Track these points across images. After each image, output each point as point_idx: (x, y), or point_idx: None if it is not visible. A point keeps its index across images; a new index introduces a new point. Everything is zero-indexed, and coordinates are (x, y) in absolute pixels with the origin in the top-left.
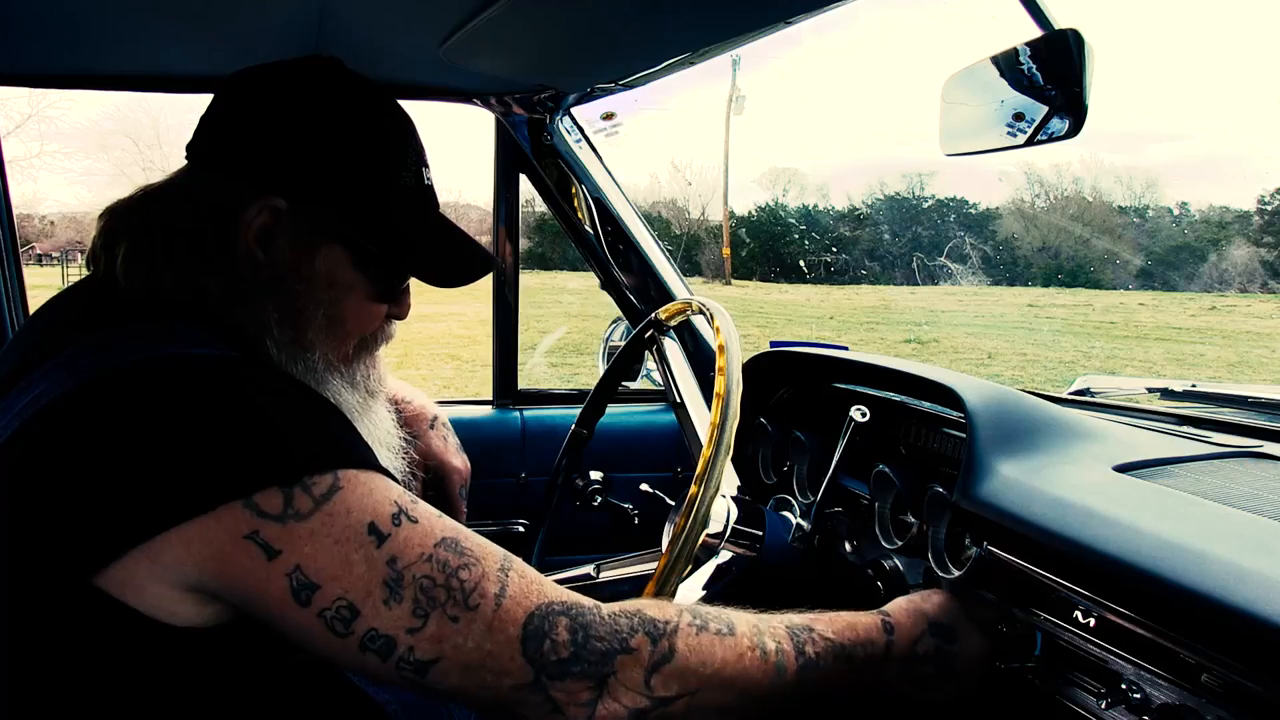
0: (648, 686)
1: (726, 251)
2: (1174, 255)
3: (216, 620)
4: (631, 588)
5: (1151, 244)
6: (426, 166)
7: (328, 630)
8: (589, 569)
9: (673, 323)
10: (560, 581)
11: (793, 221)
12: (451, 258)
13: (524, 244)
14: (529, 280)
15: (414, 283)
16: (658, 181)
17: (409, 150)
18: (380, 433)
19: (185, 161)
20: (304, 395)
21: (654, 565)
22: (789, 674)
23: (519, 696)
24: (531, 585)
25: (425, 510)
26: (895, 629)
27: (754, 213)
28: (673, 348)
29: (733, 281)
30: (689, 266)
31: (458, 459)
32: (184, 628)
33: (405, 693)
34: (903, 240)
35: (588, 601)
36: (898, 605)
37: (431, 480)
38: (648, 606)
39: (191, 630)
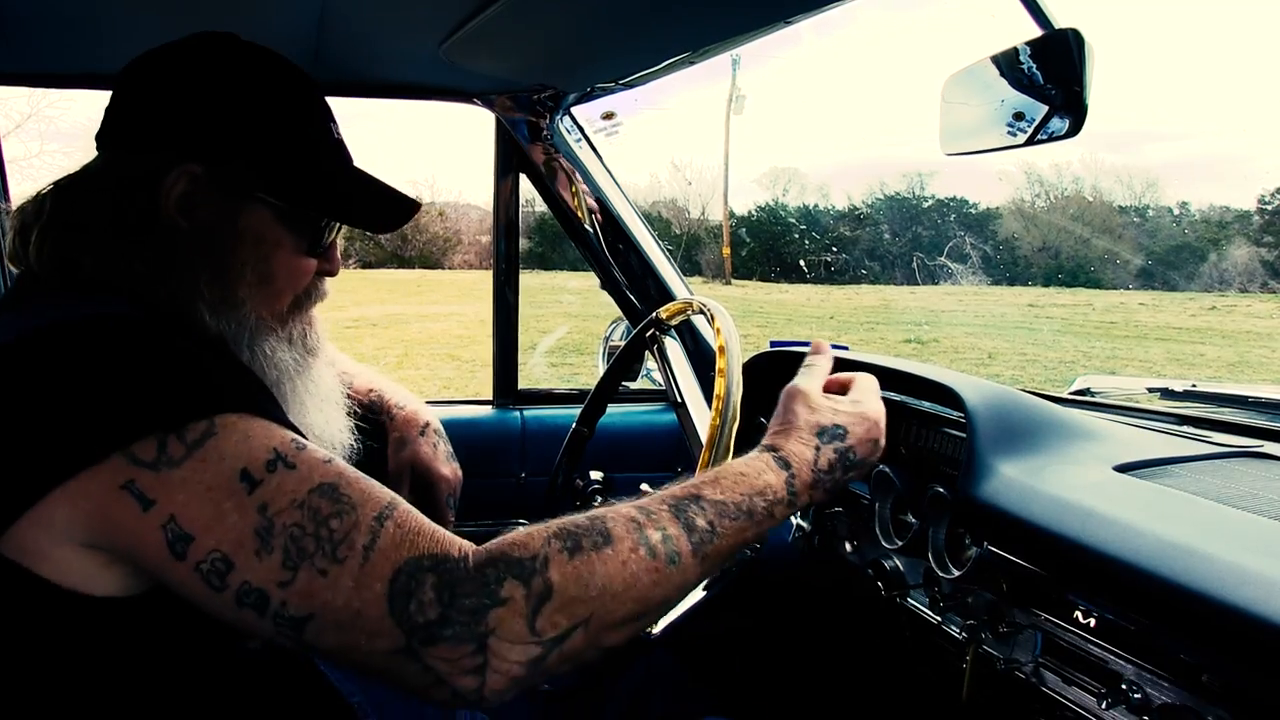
0: (534, 632)
1: (726, 251)
2: (1174, 255)
3: (138, 588)
4: None
5: (1152, 244)
6: (334, 122)
7: (205, 584)
8: None
9: (674, 322)
10: None
11: (793, 221)
12: (375, 205)
13: (524, 244)
14: (529, 280)
15: (414, 284)
16: (658, 181)
17: (314, 106)
18: (322, 389)
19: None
20: (191, 345)
21: None
22: (685, 559)
23: (397, 664)
24: (406, 536)
25: (309, 456)
26: (791, 462)
27: (754, 212)
28: (673, 347)
29: (733, 281)
30: (689, 266)
31: (446, 467)
32: (104, 597)
33: (375, 689)
34: (903, 240)
35: (457, 551)
36: (779, 432)
37: (420, 487)
38: (512, 545)
39: (114, 600)
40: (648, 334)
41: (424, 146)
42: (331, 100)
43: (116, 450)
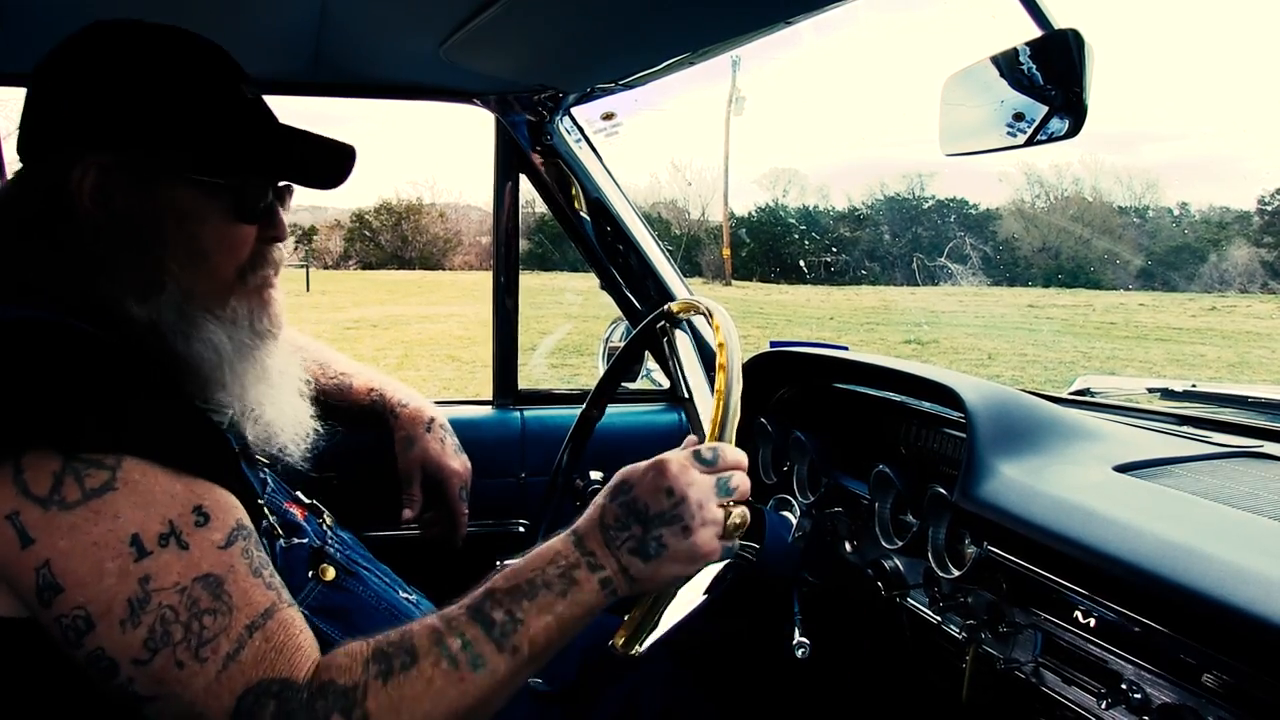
0: None
1: (726, 252)
2: (1174, 255)
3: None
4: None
5: (1152, 244)
6: (247, 82)
7: (62, 636)
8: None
9: (684, 316)
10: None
11: (793, 222)
12: (303, 158)
13: (524, 245)
14: (529, 281)
15: (414, 285)
16: (658, 182)
17: (216, 71)
18: (273, 375)
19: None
20: (104, 358)
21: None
22: (491, 658)
23: None
24: (267, 653)
25: (205, 536)
26: (579, 528)
27: (754, 213)
28: (684, 341)
29: (733, 282)
30: (689, 267)
31: (456, 461)
32: (7, 618)
33: None
34: (903, 241)
35: (303, 675)
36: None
37: (431, 483)
38: (338, 669)
39: (13, 620)
40: (659, 324)
41: (425, 148)
42: (331, 100)
43: (6, 461)
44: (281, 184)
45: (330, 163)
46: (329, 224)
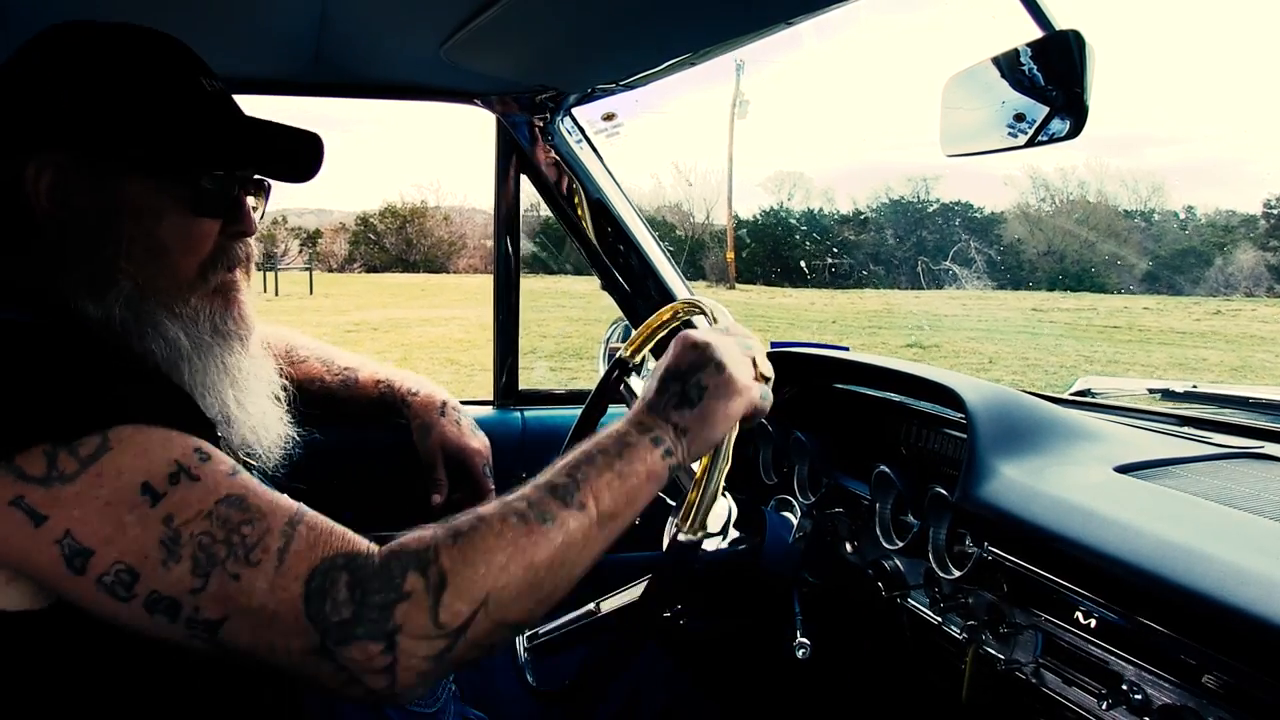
0: (437, 625)
1: (730, 255)
2: (1180, 259)
3: (47, 600)
4: (631, 566)
5: (1157, 248)
6: (207, 76)
7: (110, 596)
8: (590, 607)
9: (638, 359)
10: (562, 625)
11: (797, 225)
12: (266, 149)
13: (528, 247)
14: (533, 284)
15: (417, 288)
16: (661, 186)
17: (179, 64)
18: (240, 377)
19: None
20: (84, 352)
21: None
22: (557, 513)
23: (312, 664)
24: (319, 538)
25: (213, 468)
26: (628, 414)
27: (759, 216)
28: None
29: (737, 285)
30: (694, 270)
31: (475, 440)
32: (14, 611)
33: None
34: (907, 244)
35: (365, 549)
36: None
37: (454, 465)
38: (408, 540)
39: (24, 614)
40: (613, 376)
41: (430, 150)
42: (332, 101)
43: (1, 462)
44: (255, 178)
45: (295, 154)
46: (334, 227)
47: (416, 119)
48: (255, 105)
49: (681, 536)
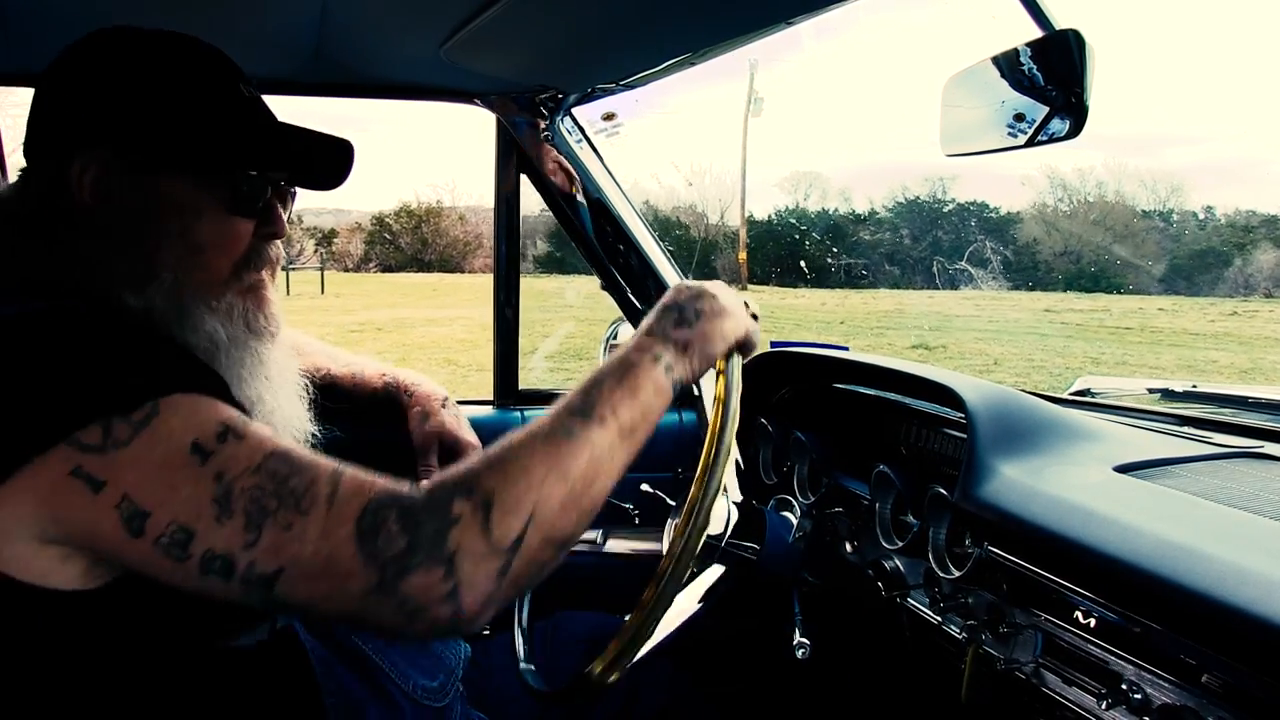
0: (492, 543)
1: (742, 256)
2: (1198, 260)
3: (100, 580)
4: (632, 566)
5: (1176, 248)
6: (245, 82)
7: (167, 557)
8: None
9: None
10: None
11: (813, 225)
12: (299, 153)
13: (543, 247)
14: (544, 284)
15: (430, 287)
16: (674, 187)
17: (215, 70)
18: (271, 371)
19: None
20: (120, 332)
21: (657, 545)
22: (578, 426)
23: (373, 605)
24: (364, 481)
25: (257, 429)
26: (635, 333)
27: (773, 217)
28: None
29: (749, 286)
30: (707, 272)
31: (472, 436)
32: (68, 590)
33: (376, 681)
34: (923, 244)
35: (408, 487)
36: None
37: (447, 455)
38: (447, 473)
39: (78, 593)
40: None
41: (445, 150)
42: (333, 101)
43: (61, 440)
44: (281, 183)
45: (329, 160)
46: (350, 227)
47: (433, 119)
48: None
49: (595, 676)
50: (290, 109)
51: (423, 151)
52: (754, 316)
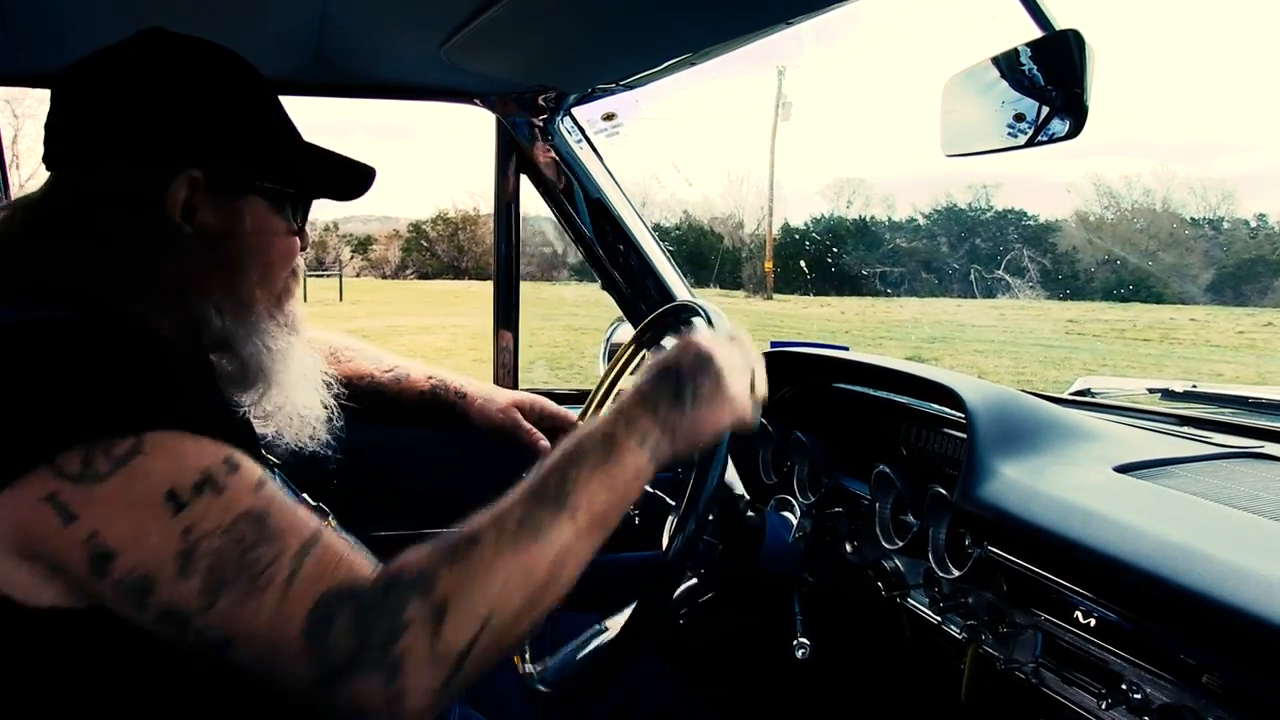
0: (440, 652)
1: (769, 265)
2: (1247, 269)
3: (83, 600)
4: (632, 567)
5: (1224, 257)
6: (277, 100)
7: (127, 600)
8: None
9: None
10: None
11: (848, 232)
12: (339, 175)
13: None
14: (567, 292)
15: (453, 295)
16: (709, 197)
17: (268, 91)
18: (306, 369)
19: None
20: (131, 355)
21: (656, 546)
22: (546, 520)
23: (315, 693)
24: (328, 566)
25: (240, 480)
26: (618, 403)
27: (809, 224)
28: None
29: (774, 296)
30: (734, 281)
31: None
32: (50, 608)
33: None
34: (960, 252)
35: (368, 574)
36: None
37: (532, 416)
38: (403, 563)
39: (60, 611)
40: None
41: (483, 157)
42: (333, 101)
43: (43, 462)
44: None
45: (356, 179)
46: (388, 234)
47: (472, 125)
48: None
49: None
50: (325, 113)
51: (468, 159)
52: (757, 393)
